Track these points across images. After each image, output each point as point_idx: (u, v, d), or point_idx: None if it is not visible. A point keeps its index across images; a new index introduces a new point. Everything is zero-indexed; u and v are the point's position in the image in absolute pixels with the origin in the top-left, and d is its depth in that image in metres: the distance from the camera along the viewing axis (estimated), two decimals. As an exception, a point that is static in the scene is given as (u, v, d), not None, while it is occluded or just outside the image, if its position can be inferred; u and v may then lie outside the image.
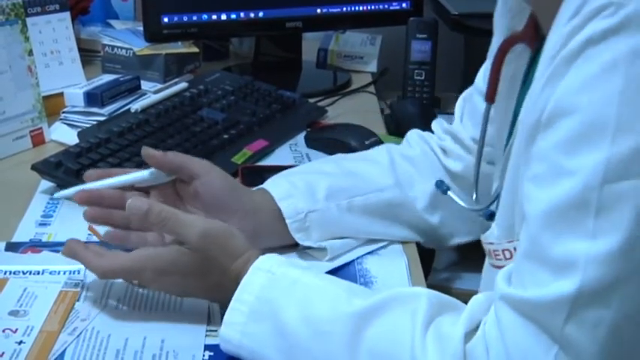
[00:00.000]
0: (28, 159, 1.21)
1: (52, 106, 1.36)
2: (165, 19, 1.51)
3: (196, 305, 0.88)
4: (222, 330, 0.80)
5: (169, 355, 0.81)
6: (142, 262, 0.84)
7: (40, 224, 1.06)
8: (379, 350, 0.73)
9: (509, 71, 0.92)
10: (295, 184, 1.01)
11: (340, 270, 0.98)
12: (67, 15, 1.50)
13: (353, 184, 1.03)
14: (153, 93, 1.44)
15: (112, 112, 1.36)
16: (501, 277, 0.71)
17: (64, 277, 0.93)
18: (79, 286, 0.92)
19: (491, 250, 0.81)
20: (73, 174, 1.12)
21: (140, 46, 1.53)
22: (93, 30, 1.73)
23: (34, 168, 1.15)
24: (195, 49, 1.59)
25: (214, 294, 0.86)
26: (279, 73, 1.67)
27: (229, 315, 0.80)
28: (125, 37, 1.58)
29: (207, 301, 0.88)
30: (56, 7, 1.48)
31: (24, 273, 0.94)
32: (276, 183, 1.01)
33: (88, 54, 1.64)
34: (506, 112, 0.92)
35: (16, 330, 0.84)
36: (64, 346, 0.82)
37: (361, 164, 1.08)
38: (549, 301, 0.65)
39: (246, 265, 0.82)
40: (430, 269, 1.32)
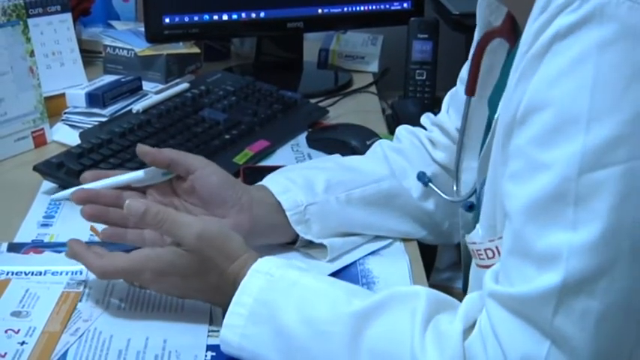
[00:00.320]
0: (29, 160, 1.21)
1: (54, 107, 1.37)
2: (167, 19, 1.51)
3: (198, 305, 0.88)
4: (222, 332, 0.80)
5: (172, 356, 0.81)
6: (141, 263, 0.84)
7: (42, 225, 1.07)
8: (379, 350, 0.73)
9: (487, 65, 0.93)
10: (293, 179, 1.01)
11: (342, 271, 0.98)
12: (68, 16, 1.50)
13: (350, 177, 1.04)
14: (154, 93, 1.44)
15: (113, 113, 1.36)
16: (489, 276, 0.71)
17: (66, 278, 0.93)
18: (81, 287, 0.92)
19: (475, 250, 0.82)
20: (74, 175, 1.12)
21: (141, 47, 1.54)
22: (94, 31, 1.73)
23: (36, 169, 1.15)
24: (197, 49, 1.59)
25: (214, 296, 0.86)
26: (280, 73, 1.67)
27: (229, 318, 0.80)
28: (126, 37, 1.58)
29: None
30: (57, 8, 1.48)
31: (26, 274, 0.94)
32: (274, 179, 1.02)
33: (89, 55, 1.64)
34: (483, 104, 0.93)
35: (19, 331, 0.84)
36: (66, 347, 0.82)
37: (356, 159, 1.10)
38: (536, 295, 0.65)
39: (244, 268, 0.82)
40: (432, 269, 1.33)
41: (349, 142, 1.29)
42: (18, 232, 1.05)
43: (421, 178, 1.05)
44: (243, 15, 1.58)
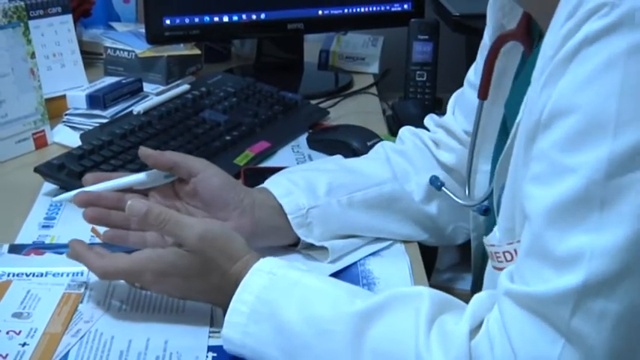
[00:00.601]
0: (30, 161, 1.21)
1: (55, 109, 1.37)
2: (167, 21, 1.51)
3: (199, 307, 0.88)
4: (224, 330, 0.80)
5: (173, 357, 0.81)
6: (143, 264, 0.84)
7: (43, 226, 1.07)
8: (383, 350, 0.73)
9: (500, 68, 0.93)
10: (295, 181, 1.01)
11: (343, 272, 0.98)
12: (69, 17, 1.50)
13: (352, 180, 1.04)
14: (155, 95, 1.44)
15: (114, 115, 1.37)
16: (504, 276, 0.71)
17: (67, 279, 0.93)
18: (82, 288, 0.92)
19: (493, 252, 0.82)
20: (75, 176, 1.12)
21: (142, 49, 1.54)
22: (95, 32, 1.73)
23: (36, 170, 1.15)
24: (197, 50, 1.59)
25: (215, 297, 0.86)
26: (280, 74, 1.67)
27: (230, 315, 0.80)
28: (127, 39, 1.58)
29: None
30: (58, 9, 1.48)
31: (27, 275, 0.94)
32: (276, 181, 1.02)
33: (90, 56, 1.64)
34: (496, 108, 0.93)
35: (20, 332, 0.84)
36: (67, 348, 0.82)
37: (358, 161, 1.10)
38: (554, 295, 0.65)
39: (246, 268, 0.82)
40: (432, 270, 1.33)
41: (350, 143, 1.29)
42: (19, 234, 1.05)
43: (434, 182, 1.05)
44: (243, 16, 1.58)
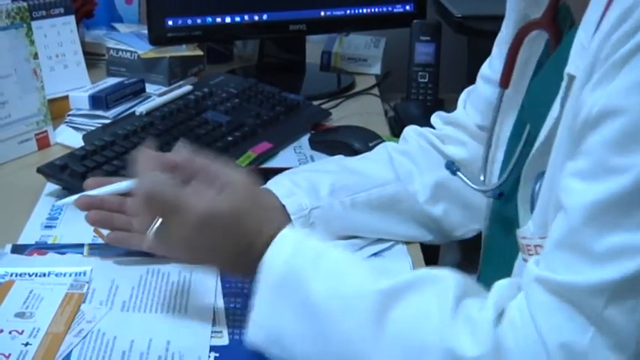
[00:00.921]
0: (33, 162, 1.21)
1: (57, 110, 1.37)
2: (170, 22, 1.51)
3: (201, 307, 0.89)
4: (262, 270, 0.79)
5: (175, 357, 0.81)
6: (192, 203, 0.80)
7: (46, 227, 1.07)
8: (406, 329, 0.73)
9: (522, 57, 0.93)
10: (298, 182, 1.01)
11: (344, 271, 0.98)
12: (71, 18, 1.51)
13: (355, 181, 1.04)
14: (157, 96, 1.45)
15: (116, 115, 1.37)
16: (533, 263, 0.72)
17: (69, 279, 0.93)
18: (84, 288, 0.92)
19: (524, 245, 0.82)
20: (78, 176, 1.12)
21: (144, 49, 1.54)
22: (97, 33, 1.74)
23: (39, 171, 1.16)
24: (200, 51, 1.59)
25: (237, 259, 0.83)
26: (283, 75, 1.67)
27: (273, 250, 0.79)
28: (129, 40, 1.58)
29: (212, 303, 0.89)
30: (61, 10, 1.48)
31: (30, 275, 0.94)
32: (279, 182, 1.02)
33: (92, 57, 1.64)
34: (515, 96, 0.93)
35: (23, 332, 0.84)
36: (70, 348, 0.82)
37: (361, 162, 1.09)
38: (587, 287, 0.66)
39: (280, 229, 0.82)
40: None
41: (352, 144, 1.29)
42: (22, 234, 1.05)
43: (449, 166, 1.04)
44: (245, 17, 1.58)
